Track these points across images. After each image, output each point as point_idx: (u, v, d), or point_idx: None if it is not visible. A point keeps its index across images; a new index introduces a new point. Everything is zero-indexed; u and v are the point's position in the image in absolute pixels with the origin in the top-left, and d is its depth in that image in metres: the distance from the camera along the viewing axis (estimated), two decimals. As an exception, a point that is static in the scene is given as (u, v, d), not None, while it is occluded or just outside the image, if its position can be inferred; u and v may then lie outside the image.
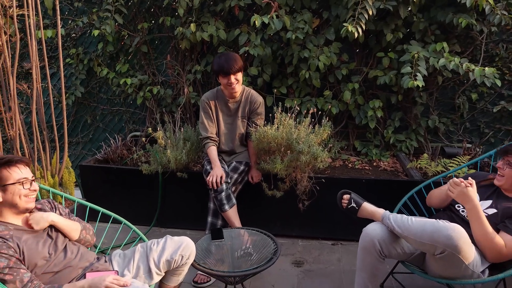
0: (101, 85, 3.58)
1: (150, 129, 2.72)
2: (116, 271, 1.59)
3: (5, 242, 1.39)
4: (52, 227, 1.57)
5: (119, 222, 1.97)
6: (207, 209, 2.43)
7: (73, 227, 1.62)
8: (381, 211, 1.79)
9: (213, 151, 2.45)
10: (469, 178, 1.63)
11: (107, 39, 3.11)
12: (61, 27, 3.07)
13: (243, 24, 2.91)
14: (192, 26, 2.81)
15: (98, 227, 2.14)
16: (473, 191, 1.58)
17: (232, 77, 2.31)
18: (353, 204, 1.85)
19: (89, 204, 1.98)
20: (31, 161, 1.69)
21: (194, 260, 1.74)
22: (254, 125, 2.45)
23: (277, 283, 2.23)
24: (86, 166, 2.91)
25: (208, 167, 2.43)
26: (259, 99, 2.50)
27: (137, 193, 2.86)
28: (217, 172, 2.30)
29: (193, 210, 2.79)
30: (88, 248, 1.70)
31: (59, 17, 2.29)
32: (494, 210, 1.68)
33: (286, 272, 2.35)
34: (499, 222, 1.63)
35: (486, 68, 2.47)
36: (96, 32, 2.99)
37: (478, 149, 2.97)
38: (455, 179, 1.62)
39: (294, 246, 2.64)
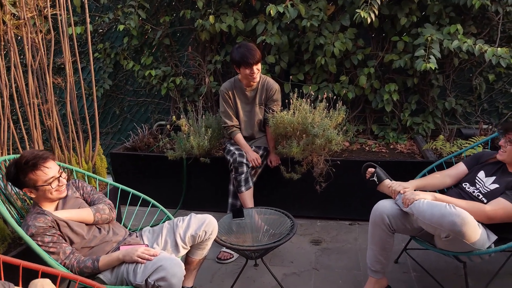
0: (128, 77, 3.78)
1: (174, 117, 2.88)
2: (146, 244, 1.77)
3: (47, 222, 1.56)
4: None
5: (148, 205, 2.14)
6: (228, 191, 2.58)
7: (83, 215, 1.68)
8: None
9: (240, 138, 2.61)
10: (400, 192, 1.79)
11: (131, 33, 3.28)
12: (89, 24, 3.27)
13: (260, 14, 3.00)
14: (211, 17, 2.93)
15: (129, 210, 2.33)
16: (416, 193, 1.72)
17: (254, 67, 2.43)
18: (375, 178, 1.92)
19: (121, 186, 2.16)
20: (54, 155, 1.83)
21: (217, 236, 1.90)
22: (271, 111, 2.57)
23: (295, 260, 2.36)
24: (116, 154, 3.12)
25: (232, 148, 2.56)
26: (275, 86, 2.61)
27: (164, 178, 3.05)
28: (253, 155, 2.51)
29: (215, 193, 2.95)
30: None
31: (87, 15, 2.47)
32: (497, 185, 1.75)
33: (305, 250, 2.47)
34: (500, 195, 1.68)
35: (499, 49, 2.47)
36: (121, 27, 3.17)
37: (494, 130, 2.97)
38: (404, 197, 1.75)
39: (313, 226, 2.76)
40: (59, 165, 1.75)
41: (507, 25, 2.90)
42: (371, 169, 1.95)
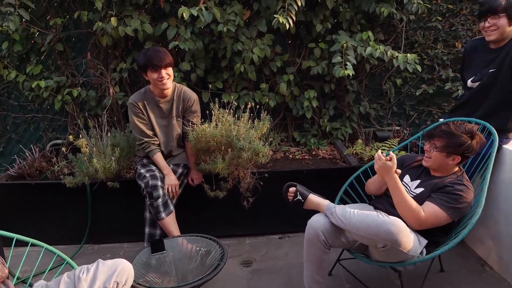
0: (11, 90, 3.15)
1: (71, 136, 2.43)
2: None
3: None
4: None
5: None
6: (144, 219, 2.25)
7: None
8: (325, 202, 1.79)
9: (160, 158, 2.30)
10: (390, 153, 1.69)
11: (13, 37, 2.73)
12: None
13: (170, 17, 2.74)
14: (113, 20, 2.56)
15: (18, 252, 1.86)
16: (391, 164, 1.65)
17: (163, 71, 2.15)
18: (299, 197, 1.82)
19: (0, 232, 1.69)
20: None
21: (134, 280, 1.57)
22: (190, 124, 2.31)
23: (226, 288, 2.13)
24: (-3, 185, 2.53)
25: (142, 170, 2.25)
26: (193, 96, 2.36)
27: (63, 210, 2.56)
28: (172, 182, 2.22)
29: (128, 221, 2.57)
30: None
31: None
32: (422, 189, 1.76)
33: (235, 274, 2.26)
34: (426, 199, 1.70)
35: (408, 55, 2.60)
36: (-3, 30, 2.60)
37: (406, 131, 3.15)
38: (378, 153, 1.69)
39: (241, 246, 2.56)
40: None
41: (409, 32, 3.10)
42: (292, 189, 1.86)
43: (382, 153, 1.69)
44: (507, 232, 1.99)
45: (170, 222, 2.17)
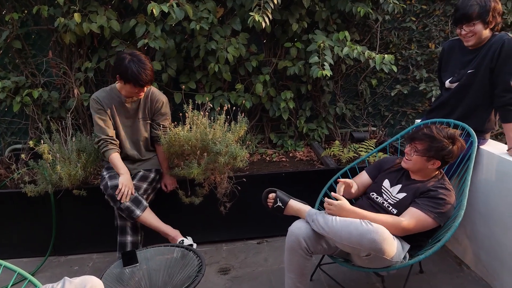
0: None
1: (31, 141, 2.24)
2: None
3: None
4: None
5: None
6: (116, 228, 2.10)
7: None
8: (306, 208, 1.72)
9: (116, 158, 2.11)
10: (332, 193, 1.67)
11: (-39, 33, 2.49)
12: None
13: (139, 13, 2.59)
14: (76, 16, 2.39)
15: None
16: (343, 202, 1.62)
17: (145, 89, 2.05)
18: (279, 203, 1.75)
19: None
20: None
21: (104, 298, 1.44)
22: (161, 127, 2.19)
23: (204, 299, 2.04)
24: None
25: (104, 173, 2.12)
26: (162, 98, 2.23)
27: (25, 220, 2.36)
28: (125, 181, 2.02)
29: (97, 230, 2.41)
30: None
31: None
32: (404, 194, 1.73)
33: (213, 283, 2.16)
34: (409, 204, 1.68)
35: (386, 55, 2.58)
36: None
37: (381, 132, 3.15)
38: (327, 200, 1.65)
39: (219, 252, 2.46)
40: None
41: (384, 33, 3.10)
42: (272, 195, 1.79)
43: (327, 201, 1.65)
44: (483, 232, 2.01)
45: (148, 216, 2.05)
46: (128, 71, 1.96)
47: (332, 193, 1.67)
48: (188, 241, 2.17)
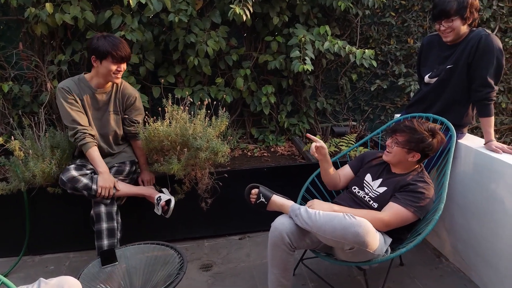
0: None
1: (1, 138, 2.13)
2: None
3: None
4: None
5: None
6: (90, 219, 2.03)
7: None
8: (289, 203, 1.71)
9: (94, 152, 2.01)
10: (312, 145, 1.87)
11: None
12: None
13: (115, 5, 2.50)
14: (48, 6, 2.28)
15: None
16: (318, 202, 1.71)
17: (123, 65, 1.98)
18: (262, 199, 1.73)
19: None
20: None
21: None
22: (137, 122, 2.13)
23: (186, 296, 2.00)
24: None
25: (84, 179, 1.98)
26: (134, 93, 2.16)
27: (-5, 220, 2.26)
28: (104, 183, 1.95)
29: (74, 228, 2.33)
30: None
31: None
32: (385, 188, 1.75)
33: (195, 279, 2.13)
34: (389, 198, 1.70)
35: (366, 50, 2.60)
36: None
37: (361, 126, 3.18)
38: (312, 149, 1.86)
39: (200, 249, 2.43)
40: None
41: (364, 27, 3.11)
42: (254, 190, 1.77)
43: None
44: (461, 223, 2.05)
45: (120, 188, 2.03)
46: (103, 45, 1.90)
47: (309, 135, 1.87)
48: (165, 195, 2.15)
